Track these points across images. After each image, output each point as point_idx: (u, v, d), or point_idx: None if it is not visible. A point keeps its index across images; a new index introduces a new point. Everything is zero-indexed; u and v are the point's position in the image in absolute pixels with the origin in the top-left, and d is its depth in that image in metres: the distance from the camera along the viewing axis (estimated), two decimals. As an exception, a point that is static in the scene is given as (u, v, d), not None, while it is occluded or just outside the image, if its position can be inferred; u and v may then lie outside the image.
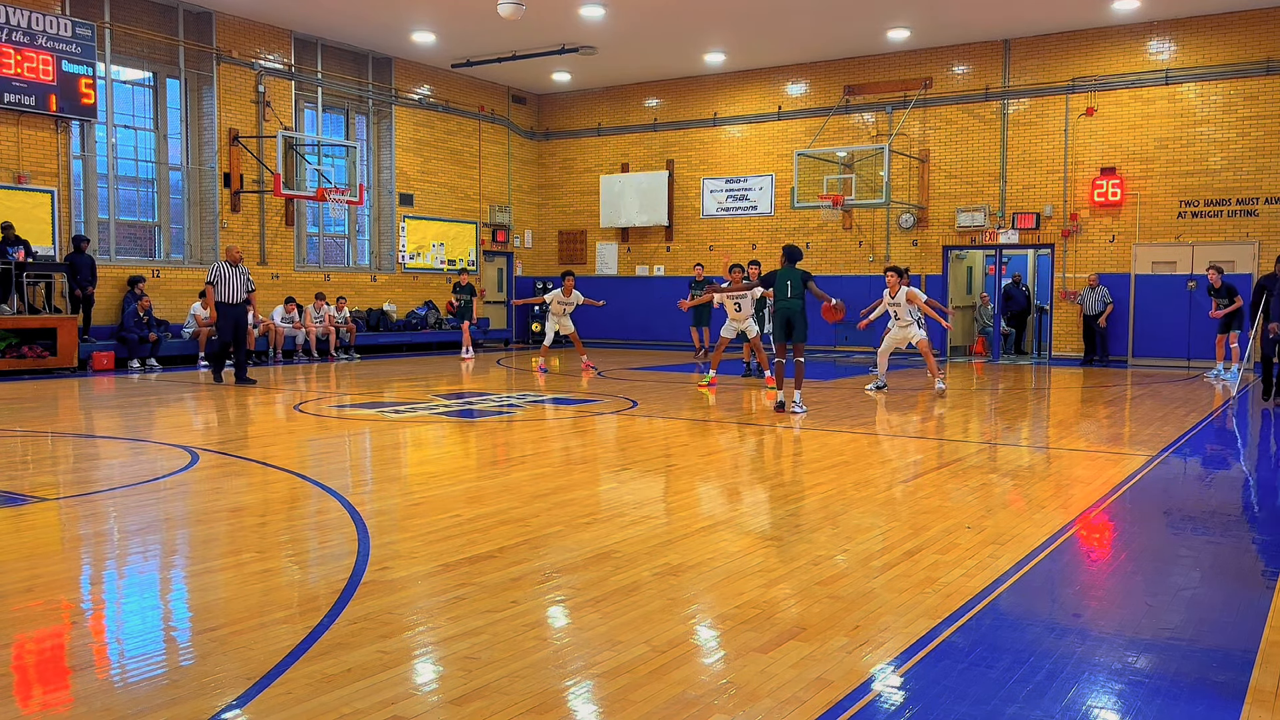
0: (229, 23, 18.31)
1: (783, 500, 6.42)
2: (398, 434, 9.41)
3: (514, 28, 18.33)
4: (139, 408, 11.37)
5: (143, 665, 3.56)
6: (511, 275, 24.69)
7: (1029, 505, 6.29)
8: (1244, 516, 6.30)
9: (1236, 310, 15.42)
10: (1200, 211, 18.01)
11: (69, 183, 16.30)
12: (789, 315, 10.84)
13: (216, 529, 5.59)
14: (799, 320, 10.84)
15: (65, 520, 5.87)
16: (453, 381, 14.60)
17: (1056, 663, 3.58)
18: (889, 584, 4.50)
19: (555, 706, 3.18)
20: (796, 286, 10.84)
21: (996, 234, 19.62)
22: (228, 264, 13.76)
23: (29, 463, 7.93)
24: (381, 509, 6.08)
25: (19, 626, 3.94)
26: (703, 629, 3.97)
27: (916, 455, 8.36)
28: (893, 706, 3.22)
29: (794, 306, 10.81)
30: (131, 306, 16.32)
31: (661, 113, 23.38)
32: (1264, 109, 17.43)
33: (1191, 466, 8.05)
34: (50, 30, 15.64)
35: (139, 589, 4.64)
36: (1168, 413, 11.21)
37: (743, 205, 22.48)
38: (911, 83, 20.30)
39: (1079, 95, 18.85)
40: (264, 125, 18.87)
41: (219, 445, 8.52)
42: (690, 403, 11.94)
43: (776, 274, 11.05)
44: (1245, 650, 3.73)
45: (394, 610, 4.11)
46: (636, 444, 8.86)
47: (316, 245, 20.66)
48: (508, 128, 24.13)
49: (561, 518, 5.80)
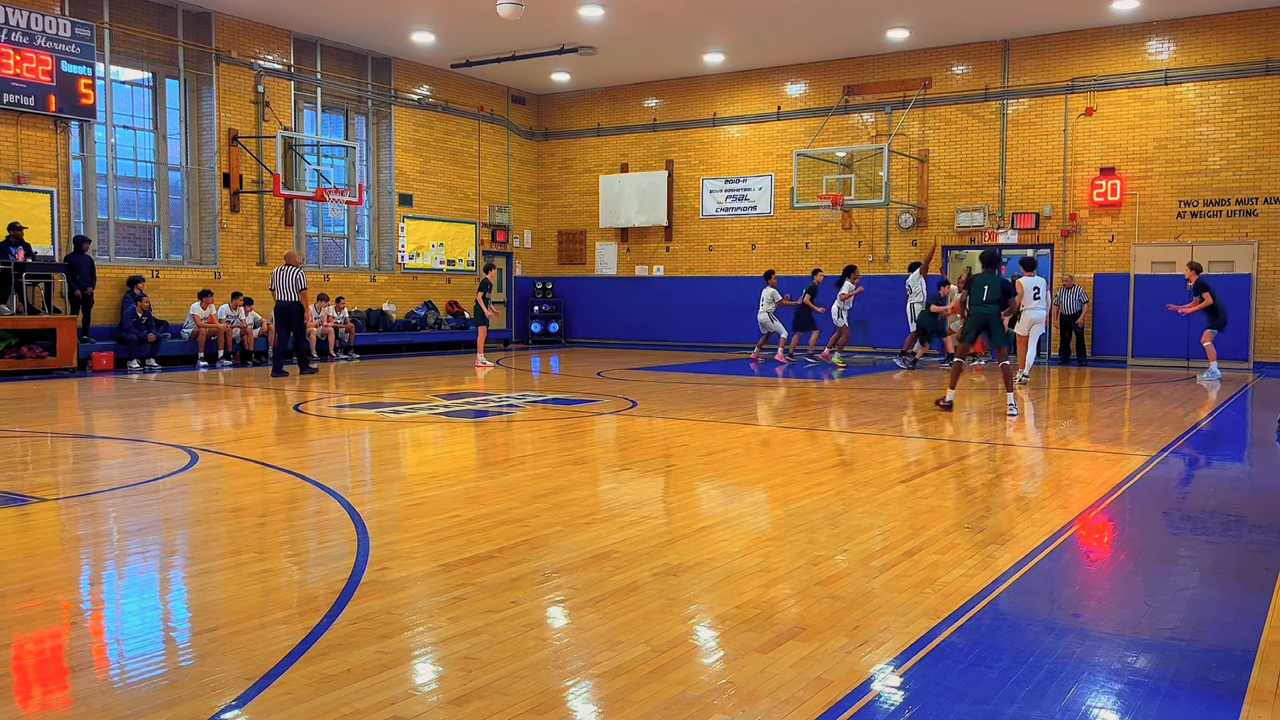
0: (228, 23, 18.31)
1: (783, 500, 6.42)
2: (397, 434, 9.41)
3: (513, 28, 18.33)
4: (138, 408, 11.36)
5: (142, 665, 3.56)
6: (511, 275, 24.69)
7: (1029, 505, 6.29)
8: (1243, 516, 6.30)
9: (1209, 308, 15.34)
10: (1199, 211, 18.01)
11: (68, 183, 16.30)
12: (986, 318, 11.17)
13: (216, 529, 5.59)
14: (995, 323, 11.15)
15: (65, 520, 5.87)
16: (452, 382, 14.59)
17: (1056, 663, 3.58)
18: (889, 584, 4.50)
19: (555, 706, 3.18)
20: (994, 291, 11.11)
21: (996, 234, 19.62)
22: (282, 267, 15.24)
23: (29, 463, 7.93)
24: (381, 509, 6.08)
25: (19, 626, 3.94)
26: (702, 629, 3.97)
27: (916, 455, 8.37)
28: (892, 706, 3.22)
29: (990, 311, 11.12)
30: (131, 307, 16.31)
31: (661, 113, 23.38)
32: (1263, 109, 17.43)
33: (1191, 466, 8.05)
34: (50, 30, 15.63)
35: (139, 589, 4.64)
36: (1167, 413, 11.21)
37: (742, 205, 22.48)
38: (911, 83, 20.31)
39: (1078, 95, 18.85)
40: (263, 125, 18.87)
41: (219, 445, 8.52)
42: (691, 403, 11.94)
43: (974, 279, 11.41)
44: (1245, 650, 3.73)
45: (393, 610, 4.10)
46: (636, 444, 8.87)
47: (316, 245, 20.65)
48: (507, 128, 24.13)
49: (561, 518, 5.79)
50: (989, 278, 11.15)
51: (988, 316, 11.07)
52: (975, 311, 11.19)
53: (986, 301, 11.04)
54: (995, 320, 11.06)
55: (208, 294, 17.09)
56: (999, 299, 11.03)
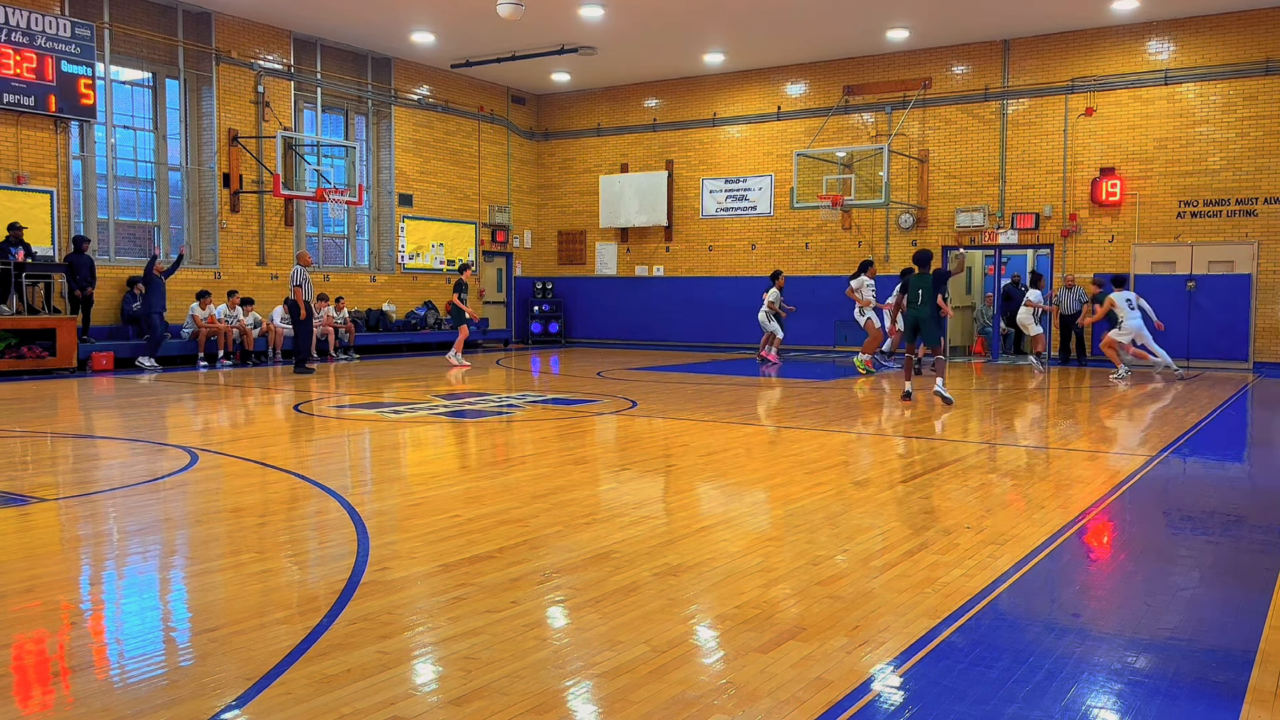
0: (228, 23, 18.30)
1: (782, 500, 6.42)
2: (397, 434, 9.41)
3: (513, 28, 18.33)
4: (138, 408, 11.36)
5: (142, 666, 3.56)
6: (511, 275, 24.69)
7: (1029, 505, 6.29)
8: (1244, 516, 6.30)
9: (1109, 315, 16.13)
10: (1199, 212, 18.01)
11: (68, 183, 16.29)
12: (917, 321, 11.67)
13: (216, 529, 5.59)
14: (925, 325, 11.65)
15: (65, 520, 5.87)
16: (452, 382, 14.59)
17: (1056, 663, 3.58)
18: (889, 584, 4.50)
19: (555, 706, 3.18)
20: (928, 293, 11.55)
21: (996, 234, 19.62)
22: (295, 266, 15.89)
23: (29, 463, 7.93)
24: (381, 509, 6.08)
25: (19, 626, 3.94)
26: (702, 629, 3.96)
27: (916, 455, 8.36)
28: (892, 706, 3.22)
29: (922, 314, 11.61)
30: (130, 307, 16.30)
31: (661, 113, 23.38)
32: (1263, 109, 17.43)
33: (1191, 466, 8.05)
34: (49, 30, 15.63)
35: (139, 589, 4.64)
36: (1167, 413, 11.21)
37: (742, 205, 22.48)
38: (911, 83, 20.31)
39: (1078, 95, 18.85)
40: (263, 125, 18.87)
41: (218, 445, 8.52)
42: (691, 403, 11.94)
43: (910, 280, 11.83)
44: (1245, 650, 3.73)
45: (393, 610, 4.10)
46: (636, 444, 8.87)
47: (316, 246, 20.65)
48: (507, 128, 24.13)
49: (561, 518, 5.79)
50: (922, 279, 11.46)
51: (919, 319, 11.62)
52: (909, 314, 11.72)
53: (921, 304, 11.54)
54: (925, 322, 11.59)
55: (205, 294, 17.09)
56: (933, 300, 11.52)
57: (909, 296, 11.74)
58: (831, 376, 15.89)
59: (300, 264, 15.75)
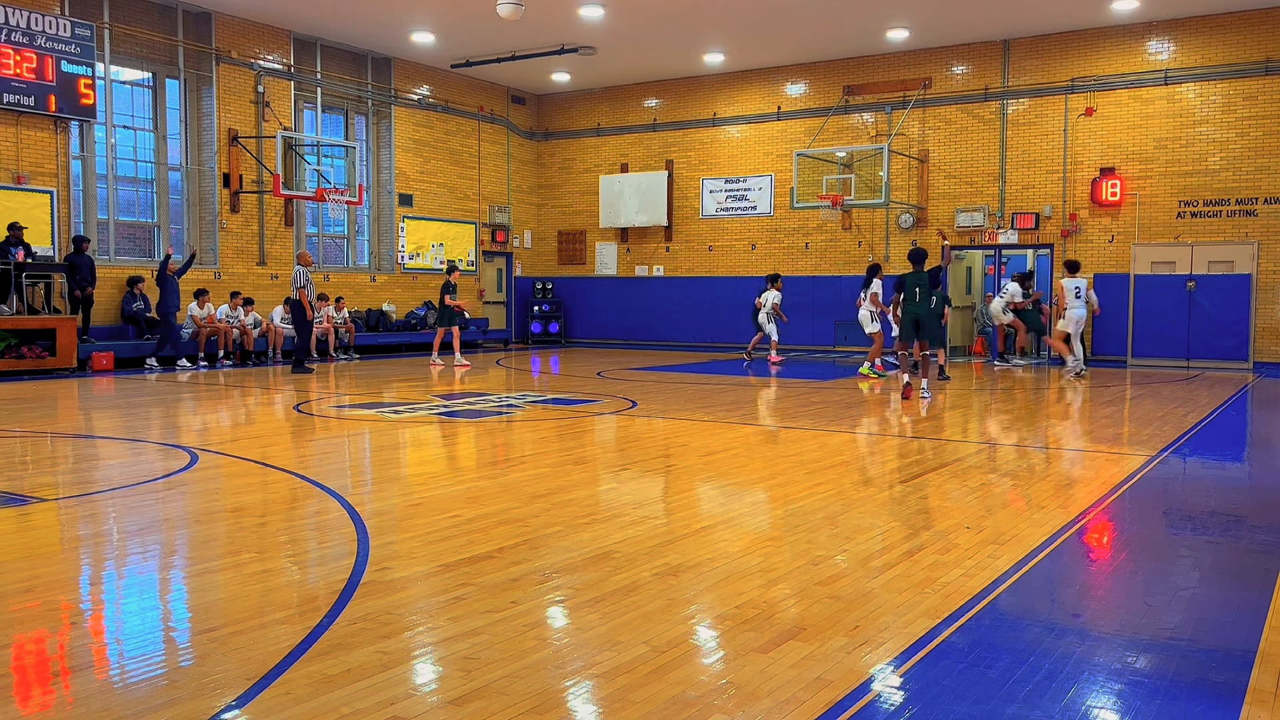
0: (228, 23, 18.30)
1: (782, 500, 6.42)
2: (397, 434, 9.41)
3: (513, 28, 18.33)
4: (138, 408, 11.36)
5: (142, 666, 3.56)
6: (511, 275, 24.69)
7: (1029, 505, 6.29)
8: (1244, 517, 6.30)
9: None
10: (1199, 211, 18.01)
11: (68, 183, 16.29)
12: (916, 317, 11.81)
13: (216, 529, 5.59)
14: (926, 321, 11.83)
15: (65, 520, 5.87)
16: (452, 382, 14.59)
17: (1056, 663, 3.58)
18: (889, 584, 4.50)
19: (555, 706, 3.18)
20: (925, 290, 11.74)
21: (996, 234, 19.62)
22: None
23: (29, 463, 7.93)
24: (381, 509, 6.08)
25: (19, 626, 3.94)
26: (702, 629, 3.96)
27: (916, 455, 8.36)
28: (892, 706, 3.22)
29: (920, 310, 11.76)
30: (130, 307, 16.29)
31: (661, 113, 23.38)
32: (1263, 109, 17.43)
33: (1191, 466, 8.05)
34: (49, 30, 15.63)
35: (138, 589, 4.64)
36: (1167, 413, 11.21)
37: (742, 205, 22.48)
38: (911, 83, 20.30)
39: (1078, 95, 18.85)
40: (263, 125, 18.87)
41: (218, 445, 8.52)
42: (690, 403, 11.94)
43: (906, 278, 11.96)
44: (1244, 650, 3.73)
45: (393, 610, 4.10)
46: (636, 444, 8.86)
47: (316, 246, 20.65)
48: (507, 128, 24.13)
49: (561, 518, 5.79)
50: (918, 276, 11.59)
51: (919, 316, 11.75)
52: (908, 311, 11.82)
53: (919, 301, 11.70)
54: (926, 318, 11.75)
55: (203, 293, 17.09)
56: (930, 296, 11.68)
57: (905, 294, 11.81)
58: (831, 376, 15.89)
59: (301, 264, 15.75)
